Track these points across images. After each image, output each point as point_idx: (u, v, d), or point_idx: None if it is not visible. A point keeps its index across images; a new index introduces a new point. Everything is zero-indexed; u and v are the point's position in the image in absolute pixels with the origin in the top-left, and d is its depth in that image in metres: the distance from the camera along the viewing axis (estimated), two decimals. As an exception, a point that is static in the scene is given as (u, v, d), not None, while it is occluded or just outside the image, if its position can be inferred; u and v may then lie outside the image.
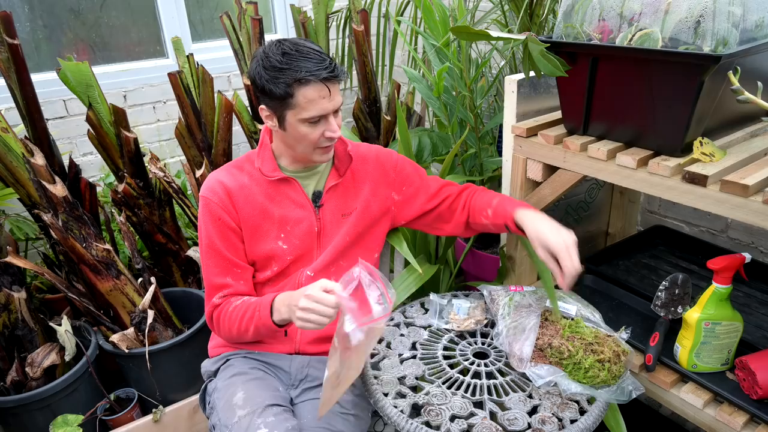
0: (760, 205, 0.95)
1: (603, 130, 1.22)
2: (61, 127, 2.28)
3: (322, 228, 1.30)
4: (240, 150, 2.67)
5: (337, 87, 1.16)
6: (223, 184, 1.25)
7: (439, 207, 1.37)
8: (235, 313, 1.21)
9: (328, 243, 1.31)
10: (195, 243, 2.35)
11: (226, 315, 1.22)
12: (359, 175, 1.34)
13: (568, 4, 1.17)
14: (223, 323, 1.23)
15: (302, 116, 1.14)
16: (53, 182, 1.67)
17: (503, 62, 1.81)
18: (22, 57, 1.68)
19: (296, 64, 1.11)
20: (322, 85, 1.12)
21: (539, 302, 1.25)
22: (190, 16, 2.55)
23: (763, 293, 1.41)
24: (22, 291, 1.71)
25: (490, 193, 1.36)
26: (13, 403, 1.63)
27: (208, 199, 1.24)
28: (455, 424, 1.03)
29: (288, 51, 1.12)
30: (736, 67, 0.96)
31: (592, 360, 1.09)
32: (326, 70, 1.12)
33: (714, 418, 1.12)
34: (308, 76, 1.10)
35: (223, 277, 1.25)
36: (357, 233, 1.33)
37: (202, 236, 1.26)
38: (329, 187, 1.30)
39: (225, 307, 1.23)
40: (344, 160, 1.31)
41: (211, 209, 1.24)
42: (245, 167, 1.28)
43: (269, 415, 1.13)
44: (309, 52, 1.13)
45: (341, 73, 1.16)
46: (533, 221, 1.19)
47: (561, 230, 1.15)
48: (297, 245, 1.28)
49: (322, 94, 1.13)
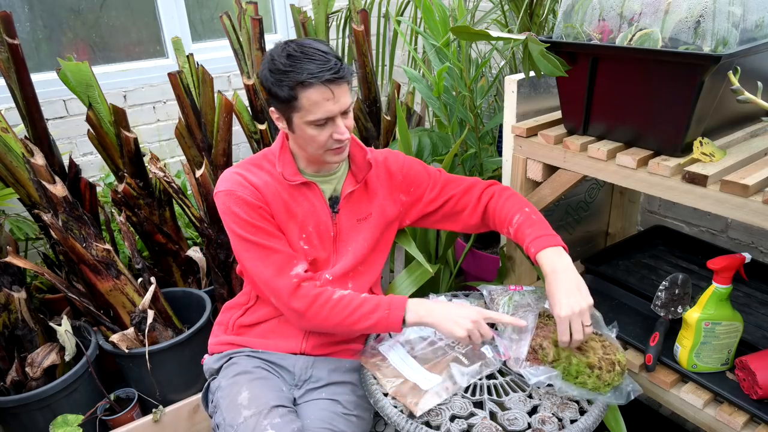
0: (760, 205, 0.95)
1: (603, 130, 1.22)
2: (61, 127, 2.28)
3: (338, 233, 1.30)
4: (240, 150, 2.67)
5: (343, 88, 1.14)
6: (248, 179, 1.22)
7: (444, 207, 1.37)
8: (344, 302, 1.17)
9: (344, 247, 1.31)
10: (195, 243, 2.36)
11: (330, 301, 1.18)
12: (372, 181, 1.33)
13: (568, 4, 1.17)
14: (324, 309, 1.17)
15: (308, 119, 1.13)
16: (53, 182, 1.67)
17: (503, 62, 1.81)
18: (22, 57, 1.68)
19: (299, 66, 1.10)
20: (325, 88, 1.10)
21: (538, 302, 1.25)
22: (190, 16, 2.55)
23: (763, 293, 1.41)
24: (22, 291, 1.71)
25: (511, 201, 1.29)
26: (13, 403, 1.63)
27: (234, 192, 1.20)
28: (455, 424, 1.03)
29: (292, 53, 1.11)
30: (736, 67, 0.96)
31: (581, 366, 1.08)
32: (330, 71, 1.10)
33: (714, 418, 1.12)
34: (310, 79, 1.09)
35: (288, 247, 1.22)
36: (375, 239, 1.33)
37: (242, 226, 1.19)
38: (346, 194, 1.29)
39: (327, 293, 1.19)
40: (363, 167, 1.30)
41: (244, 199, 1.19)
42: (264, 166, 1.26)
43: (275, 416, 1.13)
44: (313, 54, 1.11)
45: (347, 73, 1.13)
46: (550, 276, 1.12)
47: (573, 296, 1.09)
48: (317, 247, 1.28)
49: (325, 96, 1.11)
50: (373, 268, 1.36)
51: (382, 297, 1.19)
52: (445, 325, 1.13)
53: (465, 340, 1.13)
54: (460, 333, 1.12)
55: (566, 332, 1.08)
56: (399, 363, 1.18)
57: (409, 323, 1.16)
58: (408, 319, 1.15)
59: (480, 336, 1.13)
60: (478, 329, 1.13)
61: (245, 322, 1.34)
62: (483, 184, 1.37)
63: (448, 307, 1.16)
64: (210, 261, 2.03)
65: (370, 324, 1.16)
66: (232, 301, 1.41)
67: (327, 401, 1.25)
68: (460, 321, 1.13)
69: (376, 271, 1.37)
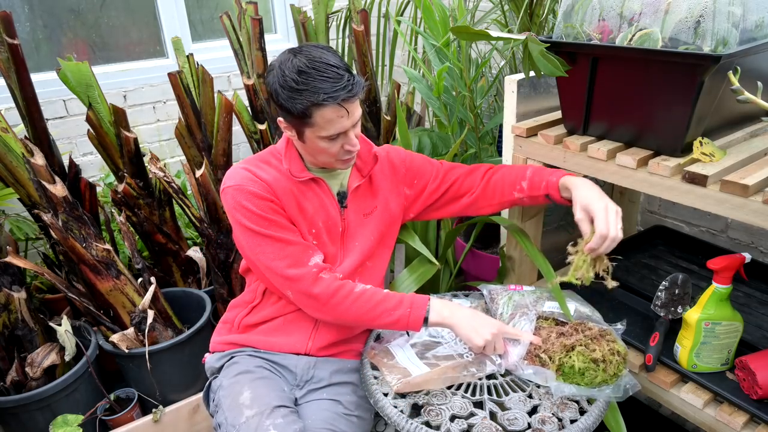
0: (760, 205, 0.95)
1: (603, 130, 1.22)
2: (61, 127, 2.28)
3: (346, 228, 1.30)
4: (240, 150, 2.67)
5: (356, 103, 1.14)
6: (257, 175, 1.21)
7: (448, 192, 1.37)
8: (367, 296, 1.16)
9: (351, 243, 1.31)
10: (195, 243, 2.36)
11: (352, 294, 1.16)
12: (376, 175, 1.33)
13: (568, 4, 1.17)
14: (345, 301, 1.16)
15: (321, 134, 1.13)
16: (53, 182, 1.67)
17: (503, 62, 1.81)
18: (22, 57, 1.68)
19: (313, 84, 1.08)
20: (340, 107, 1.10)
21: (538, 302, 1.25)
22: (190, 16, 2.55)
23: (763, 293, 1.41)
24: (22, 291, 1.71)
25: (518, 167, 1.33)
26: (13, 403, 1.63)
27: (245, 187, 1.18)
28: (455, 424, 1.03)
29: (304, 69, 1.08)
30: (736, 67, 0.96)
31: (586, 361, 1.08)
32: (344, 90, 1.08)
33: (714, 418, 1.12)
34: (325, 100, 1.08)
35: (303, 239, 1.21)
36: (381, 233, 1.33)
37: (254, 221, 1.17)
38: (353, 188, 1.29)
39: (348, 286, 1.17)
40: (368, 161, 1.31)
41: (255, 194, 1.18)
42: (272, 162, 1.26)
43: (277, 416, 1.13)
44: (326, 70, 1.09)
45: (360, 89, 1.13)
46: (581, 187, 1.16)
47: (607, 198, 1.13)
48: (325, 242, 1.28)
49: (340, 114, 1.11)
50: (379, 265, 1.36)
51: (405, 294, 1.19)
52: (465, 331, 1.14)
53: (479, 349, 1.14)
54: (478, 341, 1.12)
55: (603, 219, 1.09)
56: (406, 362, 1.18)
57: (431, 323, 1.15)
58: (430, 319, 1.15)
59: (494, 349, 1.14)
60: (495, 342, 1.14)
61: (251, 321, 1.33)
62: (486, 166, 1.38)
63: (472, 314, 1.16)
64: (210, 261, 2.03)
65: (392, 320, 1.15)
66: (238, 299, 1.40)
67: (328, 402, 1.25)
68: (481, 330, 1.13)
69: (382, 267, 1.37)
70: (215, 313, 2.06)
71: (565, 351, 1.10)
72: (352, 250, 1.30)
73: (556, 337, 1.14)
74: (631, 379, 1.11)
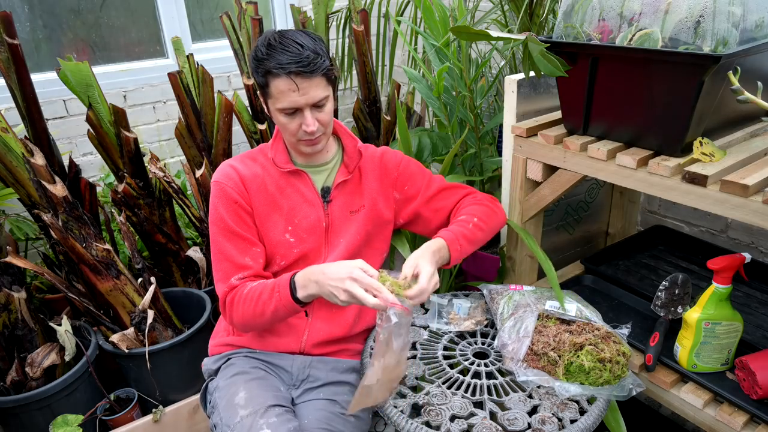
0: (760, 205, 0.95)
1: (603, 130, 1.22)
2: (61, 127, 2.28)
3: (330, 224, 1.30)
4: (240, 150, 2.67)
5: (313, 82, 1.14)
6: (237, 171, 1.27)
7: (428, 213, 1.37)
8: (251, 294, 1.18)
9: (337, 240, 1.31)
10: (195, 243, 2.35)
11: (240, 298, 1.19)
12: (366, 174, 1.34)
13: (568, 4, 1.17)
14: (237, 306, 1.20)
15: (276, 106, 1.17)
16: (53, 182, 1.67)
17: (503, 62, 1.81)
18: (22, 57, 1.68)
19: (273, 55, 1.13)
20: (290, 80, 1.12)
21: (538, 302, 1.25)
22: (190, 16, 2.55)
23: (763, 293, 1.41)
24: (22, 291, 1.71)
25: (475, 208, 1.33)
26: (13, 403, 1.63)
27: (222, 184, 1.25)
28: (455, 424, 1.03)
29: (272, 42, 1.14)
30: (736, 67, 0.96)
31: (594, 360, 1.09)
32: (297, 64, 1.11)
33: (714, 418, 1.12)
34: (276, 69, 1.12)
35: (243, 257, 1.23)
36: (367, 232, 1.33)
37: (216, 221, 1.25)
38: (338, 183, 1.30)
39: (240, 290, 1.20)
40: (353, 156, 1.32)
41: (226, 193, 1.24)
42: (258, 158, 1.31)
43: (272, 415, 1.13)
44: (289, 45, 1.13)
45: (318, 69, 1.13)
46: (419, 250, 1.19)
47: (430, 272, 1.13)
48: (304, 239, 1.28)
49: (290, 87, 1.13)
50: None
51: (280, 278, 1.18)
52: (327, 297, 1.10)
53: (351, 302, 1.06)
54: (342, 297, 1.06)
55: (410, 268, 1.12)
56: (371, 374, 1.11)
57: (303, 299, 1.13)
58: (300, 296, 1.13)
59: (365, 289, 1.04)
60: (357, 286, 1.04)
61: None
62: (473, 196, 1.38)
63: (324, 274, 1.09)
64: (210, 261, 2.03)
65: (273, 309, 1.16)
66: None
67: (325, 401, 1.25)
68: (336, 285, 1.06)
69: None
70: (215, 313, 2.05)
71: (573, 350, 1.11)
72: (336, 246, 1.31)
73: (564, 334, 1.14)
74: (635, 379, 1.11)
